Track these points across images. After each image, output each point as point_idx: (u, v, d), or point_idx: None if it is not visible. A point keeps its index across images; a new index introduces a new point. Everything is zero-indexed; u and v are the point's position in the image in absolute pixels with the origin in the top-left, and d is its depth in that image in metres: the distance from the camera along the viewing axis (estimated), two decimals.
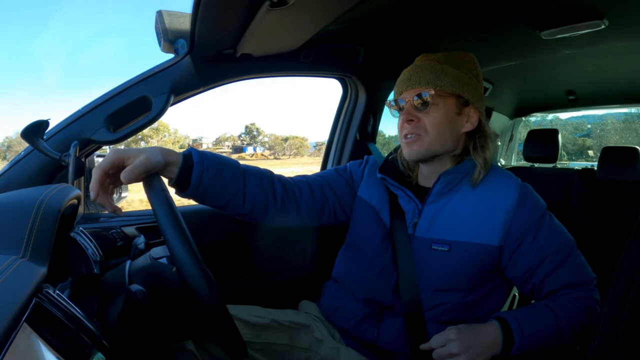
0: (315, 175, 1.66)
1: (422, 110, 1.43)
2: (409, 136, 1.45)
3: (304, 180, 1.58)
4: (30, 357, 0.63)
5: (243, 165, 1.44)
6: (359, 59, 2.19)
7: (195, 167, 1.26)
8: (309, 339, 1.56)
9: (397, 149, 1.61)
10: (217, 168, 1.32)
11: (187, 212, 1.99)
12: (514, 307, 1.75)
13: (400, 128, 1.48)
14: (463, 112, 1.46)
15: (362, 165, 1.71)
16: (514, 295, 1.75)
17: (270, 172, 1.51)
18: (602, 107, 4.29)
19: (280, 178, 1.53)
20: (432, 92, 1.40)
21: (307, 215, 1.56)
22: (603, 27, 1.92)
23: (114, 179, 1.12)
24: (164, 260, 1.11)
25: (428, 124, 1.43)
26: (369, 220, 1.59)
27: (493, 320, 1.36)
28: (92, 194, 1.06)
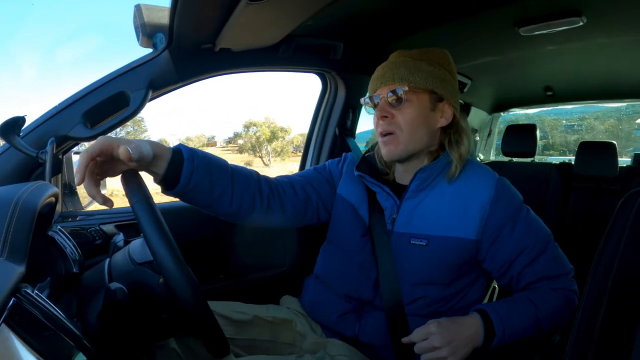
0: (297, 175, 1.65)
1: (396, 107, 1.43)
2: (385, 135, 1.46)
3: (286, 181, 1.58)
4: (10, 359, 0.62)
5: (231, 164, 1.42)
6: (338, 54, 2.19)
7: (185, 164, 1.23)
8: (292, 334, 1.56)
9: (374, 146, 1.61)
10: (206, 165, 1.29)
11: (166, 209, 1.97)
12: (494, 299, 1.77)
13: (376, 125, 1.49)
14: (437, 108, 1.46)
15: (341, 163, 1.72)
16: (494, 287, 1.76)
17: (256, 172, 1.50)
18: (579, 102, 4.35)
19: (265, 178, 1.52)
20: (406, 88, 1.41)
21: (291, 215, 1.56)
22: (581, 24, 1.94)
23: (101, 169, 1.08)
24: (147, 266, 1.09)
25: (402, 120, 1.43)
26: (349, 216, 1.59)
27: (474, 312, 1.37)
28: (77, 178, 1.02)
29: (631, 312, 0.86)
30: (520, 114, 5.15)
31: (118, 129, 1.70)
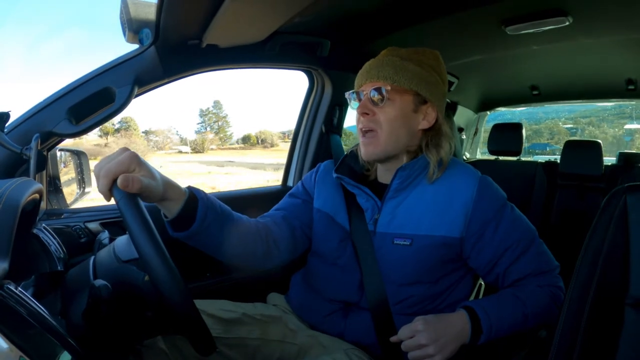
0: (274, 211, 1.66)
1: (378, 105, 1.43)
2: (366, 134, 1.46)
3: (269, 220, 1.57)
4: None
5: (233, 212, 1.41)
6: (325, 51, 2.19)
7: (200, 203, 1.22)
8: (282, 331, 1.55)
9: (356, 145, 1.60)
10: (217, 205, 1.29)
11: (152, 206, 1.96)
12: (480, 296, 1.78)
13: (357, 121, 1.49)
14: (420, 110, 1.46)
15: (314, 174, 1.72)
16: (480, 284, 1.77)
17: (247, 217, 1.49)
18: (565, 102, 4.38)
19: (256, 221, 1.52)
20: (389, 87, 1.41)
21: (285, 251, 1.56)
22: (567, 23, 1.96)
23: None
24: (133, 264, 1.08)
25: (383, 119, 1.43)
26: (325, 225, 1.59)
27: (460, 309, 1.37)
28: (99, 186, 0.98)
29: (617, 307, 0.87)
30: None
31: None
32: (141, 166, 1.02)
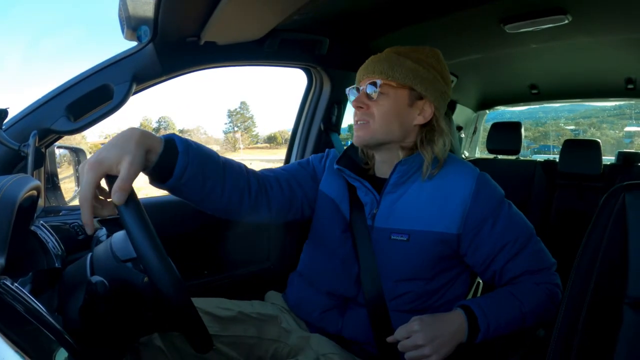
0: (281, 170, 1.63)
1: (372, 99, 1.45)
2: (358, 122, 1.47)
3: (272, 176, 1.55)
4: None
5: (221, 157, 1.37)
6: (324, 49, 2.19)
7: (180, 157, 1.17)
8: (277, 330, 1.55)
9: None
10: (201, 158, 1.23)
11: (149, 204, 1.95)
12: (479, 294, 1.77)
13: (354, 114, 1.51)
14: (416, 105, 1.47)
15: (324, 158, 1.71)
16: (478, 283, 1.77)
17: (245, 166, 1.46)
18: (564, 101, 4.38)
19: (253, 172, 1.49)
20: (383, 81, 1.43)
21: (276, 211, 1.53)
22: (566, 22, 1.96)
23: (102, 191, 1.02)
24: (131, 264, 1.07)
25: (376, 112, 1.44)
26: (330, 212, 1.59)
27: (457, 308, 1.37)
28: (87, 229, 0.95)
29: (615, 306, 0.87)
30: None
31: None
32: (110, 162, 0.98)
